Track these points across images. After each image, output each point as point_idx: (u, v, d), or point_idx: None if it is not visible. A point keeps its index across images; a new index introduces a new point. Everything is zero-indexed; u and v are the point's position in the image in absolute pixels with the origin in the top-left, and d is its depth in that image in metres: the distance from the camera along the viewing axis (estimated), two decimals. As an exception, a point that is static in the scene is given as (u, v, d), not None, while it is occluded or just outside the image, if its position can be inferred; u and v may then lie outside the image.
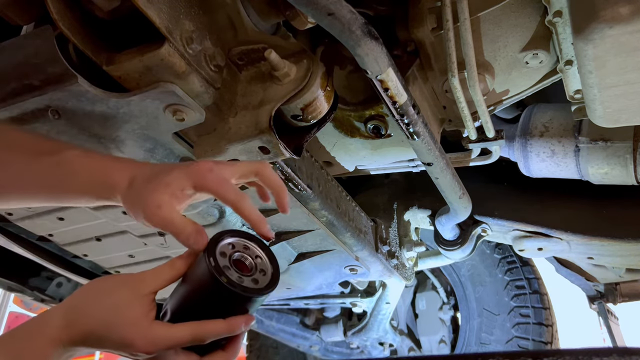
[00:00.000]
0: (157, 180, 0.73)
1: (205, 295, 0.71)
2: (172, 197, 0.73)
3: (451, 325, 2.76)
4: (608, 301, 2.19)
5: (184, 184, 0.74)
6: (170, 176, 0.74)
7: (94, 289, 0.72)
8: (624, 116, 1.04)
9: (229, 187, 0.75)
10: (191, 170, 0.74)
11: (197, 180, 0.74)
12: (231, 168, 0.78)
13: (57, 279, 2.31)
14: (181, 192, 0.74)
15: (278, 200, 0.82)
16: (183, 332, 0.69)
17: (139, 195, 0.73)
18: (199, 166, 0.75)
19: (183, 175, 0.74)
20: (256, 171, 0.79)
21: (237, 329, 0.71)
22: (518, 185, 1.78)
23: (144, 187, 0.73)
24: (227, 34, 0.95)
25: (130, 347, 0.67)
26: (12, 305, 5.43)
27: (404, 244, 1.86)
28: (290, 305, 2.49)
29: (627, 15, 0.80)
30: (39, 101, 0.92)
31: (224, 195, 0.75)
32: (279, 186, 0.81)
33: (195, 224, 0.73)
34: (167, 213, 0.72)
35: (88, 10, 0.83)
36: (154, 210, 0.71)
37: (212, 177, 0.74)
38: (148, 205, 0.72)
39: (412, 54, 1.20)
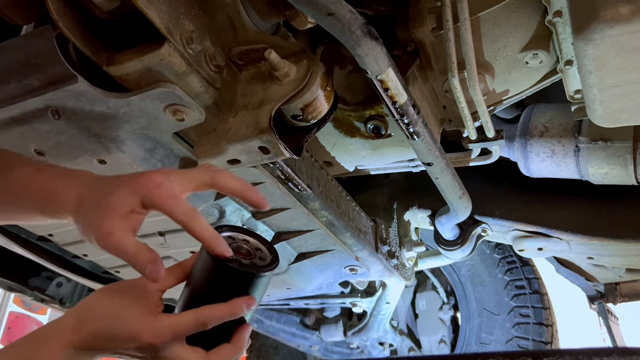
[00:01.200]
0: (105, 202, 0.69)
1: (206, 280, 0.72)
2: (123, 220, 0.69)
3: (451, 325, 2.76)
4: (608, 301, 2.19)
5: (131, 203, 0.69)
6: (116, 196, 0.69)
7: (104, 292, 0.73)
8: (623, 116, 1.04)
9: (178, 204, 0.70)
10: (137, 187, 0.70)
11: (144, 198, 0.69)
12: (182, 180, 0.73)
13: (57, 279, 2.32)
14: (130, 213, 0.69)
15: (247, 201, 0.76)
16: (186, 319, 0.69)
17: (89, 219, 0.70)
18: (146, 181, 0.70)
19: (129, 193, 0.70)
20: (210, 183, 0.74)
21: (239, 309, 0.70)
22: (518, 185, 1.78)
23: (93, 210, 0.70)
24: (227, 34, 0.95)
25: (138, 339, 0.68)
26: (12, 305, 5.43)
27: (404, 244, 1.86)
28: (290, 305, 2.49)
29: (627, 15, 0.80)
30: (39, 101, 0.92)
31: (173, 214, 0.70)
32: (240, 189, 0.75)
33: (151, 253, 0.70)
34: (118, 240, 0.68)
35: (88, 10, 0.83)
36: (106, 237, 0.68)
37: (160, 194, 0.70)
38: (99, 232, 0.68)
39: (412, 54, 1.20)
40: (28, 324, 5.55)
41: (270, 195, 1.27)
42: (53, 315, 5.42)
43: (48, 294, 2.30)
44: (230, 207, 1.36)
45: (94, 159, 1.08)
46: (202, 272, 0.73)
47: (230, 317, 0.71)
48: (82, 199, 0.72)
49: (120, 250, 0.69)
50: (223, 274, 0.71)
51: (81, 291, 2.41)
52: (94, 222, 0.69)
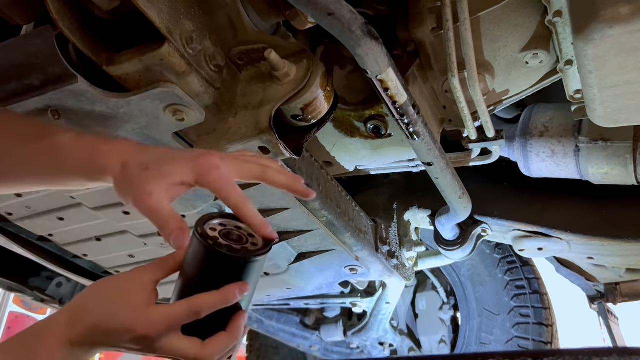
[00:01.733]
0: (156, 168, 0.71)
1: (197, 268, 0.72)
2: (168, 187, 0.71)
3: (451, 325, 2.76)
4: (608, 301, 2.19)
5: (185, 177, 0.72)
6: (171, 166, 0.72)
7: (98, 286, 0.73)
8: (624, 116, 1.04)
9: (232, 188, 0.73)
10: (196, 165, 0.72)
11: (200, 176, 0.72)
12: (237, 167, 0.75)
13: (57, 279, 2.31)
14: (179, 185, 0.72)
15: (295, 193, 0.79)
16: (179, 308, 0.69)
17: (133, 181, 0.71)
18: (205, 161, 0.73)
19: (186, 168, 0.72)
20: (260, 176, 0.77)
21: (231, 295, 0.70)
22: (518, 185, 1.78)
23: (140, 174, 0.71)
24: (227, 34, 0.95)
25: (132, 331, 0.67)
26: (12, 305, 5.44)
27: (404, 244, 1.86)
28: (290, 305, 2.49)
29: (627, 15, 0.80)
30: (39, 101, 0.92)
31: (226, 197, 0.73)
32: (288, 183, 0.78)
33: (182, 222, 0.71)
34: (157, 202, 0.70)
35: (88, 10, 0.83)
36: (144, 197, 0.69)
37: (216, 175, 0.72)
38: (140, 192, 0.70)
39: (412, 54, 1.20)
40: (28, 324, 5.53)
41: (270, 195, 1.27)
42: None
43: (48, 294, 2.30)
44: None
45: (94, 159, 1.08)
46: (193, 261, 0.72)
47: (223, 305, 0.70)
48: (127, 163, 0.73)
49: (154, 211, 0.70)
50: (213, 260, 0.70)
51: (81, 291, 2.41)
52: (138, 183, 0.70)
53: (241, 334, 0.74)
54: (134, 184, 0.71)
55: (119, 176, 0.73)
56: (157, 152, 0.75)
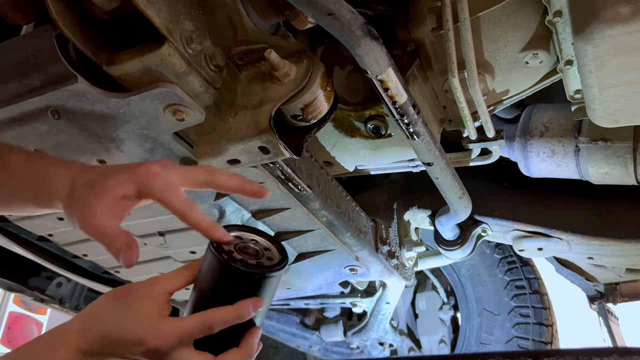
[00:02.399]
0: (99, 185, 0.70)
1: (211, 281, 0.71)
2: (112, 203, 0.69)
3: (451, 325, 2.76)
4: (608, 301, 2.19)
5: (127, 189, 0.70)
6: (113, 180, 0.70)
7: (111, 295, 0.72)
8: (624, 116, 1.04)
9: (175, 193, 0.71)
10: (136, 174, 0.70)
11: (141, 185, 0.70)
12: (179, 174, 0.73)
13: (57, 279, 2.32)
14: (122, 200, 0.70)
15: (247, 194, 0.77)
16: (191, 322, 0.68)
17: (78, 202, 0.70)
18: (144, 170, 0.71)
19: (127, 179, 0.70)
20: (207, 181, 0.75)
21: (245, 311, 0.69)
22: (518, 185, 1.78)
23: (85, 193, 0.70)
24: (227, 34, 0.95)
25: (143, 344, 0.67)
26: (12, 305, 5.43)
27: (404, 244, 1.86)
28: (290, 305, 2.49)
29: (627, 15, 0.80)
30: (39, 101, 0.92)
31: (169, 203, 0.71)
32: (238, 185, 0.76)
33: (129, 237, 0.70)
34: (101, 221, 0.68)
35: (88, 10, 0.83)
36: (89, 217, 0.68)
37: (157, 183, 0.70)
38: (84, 212, 0.68)
39: (412, 54, 1.20)
40: (28, 324, 5.54)
41: (270, 195, 1.27)
42: (53, 315, 5.43)
43: (48, 294, 2.30)
44: (230, 207, 1.36)
45: (94, 159, 1.08)
46: (207, 274, 0.71)
47: (237, 320, 0.69)
48: (73, 186, 0.71)
49: (99, 231, 0.68)
50: (227, 274, 0.69)
51: (81, 291, 2.41)
52: (82, 203, 0.69)
53: (254, 351, 0.73)
54: (79, 205, 0.70)
55: (67, 199, 0.71)
56: (102, 169, 0.74)
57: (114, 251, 0.69)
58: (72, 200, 0.71)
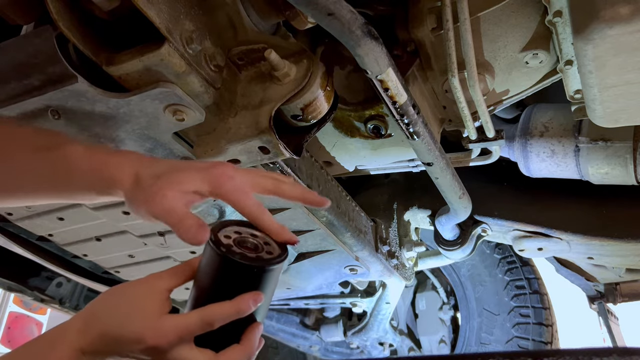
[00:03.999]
0: (169, 176, 0.71)
1: (210, 276, 0.70)
2: (182, 194, 0.70)
3: (451, 325, 2.76)
4: (608, 301, 2.19)
5: (199, 187, 0.71)
6: (184, 174, 0.71)
7: (110, 293, 0.72)
8: (624, 116, 1.04)
9: (248, 199, 0.73)
10: (211, 175, 0.72)
11: (215, 186, 0.71)
12: (250, 179, 0.75)
13: (57, 279, 2.32)
14: (193, 194, 0.71)
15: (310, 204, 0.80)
16: (191, 319, 0.68)
17: (146, 190, 0.70)
18: (219, 171, 0.72)
19: (200, 177, 0.71)
20: (273, 190, 0.77)
21: (245, 306, 0.68)
22: (518, 185, 1.78)
23: (153, 183, 0.71)
24: (227, 34, 0.95)
25: (143, 342, 0.66)
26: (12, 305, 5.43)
27: (404, 244, 1.86)
28: (290, 305, 2.49)
29: (627, 15, 0.80)
30: (39, 101, 0.92)
31: (243, 208, 0.72)
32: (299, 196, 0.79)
33: (199, 219, 0.70)
34: (170, 203, 0.69)
35: (88, 10, 0.83)
36: (159, 199, 0.69)
37: (232, 186, 0.72)
38: (154, 196, 0.69)
39: (412, 54, 1.20)
40: (28, 324, 5.54)
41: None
42: (53, 315, 5.42)
43: (48, 294, 2.30)
44: (230, 207, 1.36)
45: (94, 159, 1.08)
46: (206, 269, 0.71)
47: (236, 315, 0.68)
48: (138, 176, 0.72)
49: (168, 211, 0.69)
50: (226, 268, 0.68)
51: (81, 291, 2.41)
52: (151, 190, 0.70)
53: (256, 347, 0.72)
54: (147, 193, 0.70)
55: (131, 189, 0.72)
56: (168, 162, 0.75)
57: (184, 231, 0.69)
58: (137, 189, 0.71)
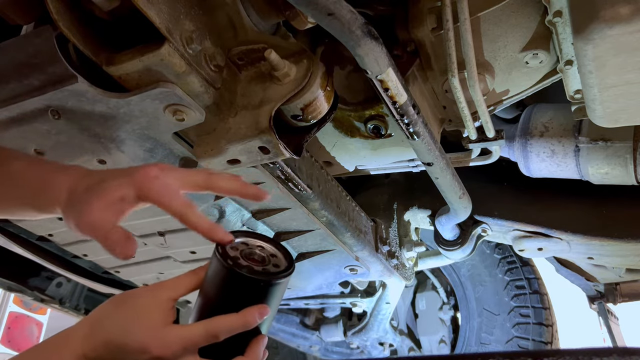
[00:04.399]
0: (97, 188, 0.70)
1: (216, 288, 0.70)
2: (109, 204, 0.69)
3: (451, 325, 2.76)
4: (608, 301, 2.19)
5: (125, 193, 0.70)
6: (110, 184, 0.70)
7: (116, 300, 0.72)
8: (624, 116, 1.04)
9: (173, 196, 0.71)
10: (134, 178, 0.71)
11: (140, 190, 0.70)
12: (179, 177, 0.73)
13: (57, 279, 2.32)
14: (120, 202, 0.70)
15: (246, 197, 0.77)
16: (196, 330, 0.67)
17: (77, 206, 0.70)
18: (142, 173, 0.71)
19: (125, 183, 0.70)
20: (205, 185, 0.75)
21: (251, 318, 0.68)
22: (518, 185, 1.78)
23: (83, 196, 0.70)
24: (227, 34, 0.95)
25: (147, 351, 0.66)
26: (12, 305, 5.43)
27: (404, 244, 1.86)
28: (290, 305, 2.49)
29: (627, 15, 0.80)
30: (39, 101, 0.92)
31: (168, 206, 0.70)
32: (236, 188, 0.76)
33: (126, 232, 0.70)
34: (96, 218, 0.68)
35: (88, 10, 0.83)
36: (85, 216, 0.69)
37: (156, 186, 0.70)
38: (81, 213, 0.69)
39: (412, 54, 1.20)
40: (28, 324, 5.54)
41: (270, 195, 1.27)
42: (53, 315, 5.42)
43: (48, 294, 2.30)
44: (230, 207, 1.36)
45: (94, 159, 1.08)
46: (212, 280, 0.71)
47: (242, 328, 0.68)
48: (73, 191, 0.72)
49: (94, 227, 0.68)
50: (232, 281, 0.68)
51: (81, 291, 2.42)
52: (81, 206, 0.69)
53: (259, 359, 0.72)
54: (76, 207, 0.70)
55: (66, 205, 0.72)
56: (100, 174, 0.74)
57: (109, 245, 0.69)
58: (70, 205, 0.71)
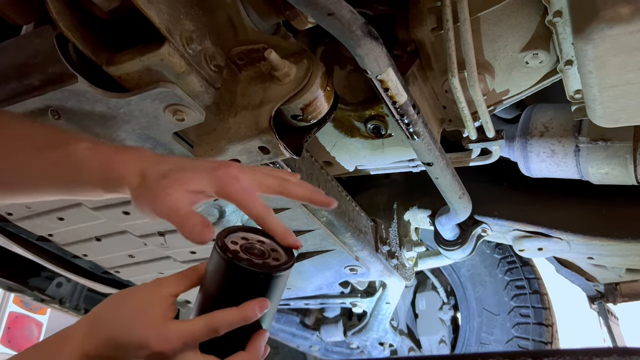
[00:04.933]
0: (174, 175, 0.71)
1: (216, 282, 0.70)
2: (187, 192, 0.70)
3: (451, 325, 2.76)
4: (608, 301, 2.19)
5: (205, 187, 0.71)
6: (190, 174, 0.71)
7: (116, 298, 0.72)
8: (624, 116, 1.04)
9: (255, 199, 0.72)
10: (216, 176, 0.71)
11: (220, 188, 0.71)
12: (256, 179, 0.74)
13: (57, 279, 2.32)
14: (198, 193, 0.71)
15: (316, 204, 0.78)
16: (196, 325, 0.67)
17: (151, 189, 0.70)
18: (225, 172, 0.72)
19: (206, 177, 0.71)
20: (280, 190, 0.76)
21: (251, 312, 0.68)
22: (518, 185, 1.78)
23: (158, 182, 0.70)
24: (227, 34, 0.95)
25: (147, 347, 0.66)
26: (12, 305, 5.43)
27: (404, 244, 1.86)
28: (290, 305, 2.49)
29: (627, 15, 0.80)
30: (39, 101, 0.92)
31: (248, 209, 0.72)
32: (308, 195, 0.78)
33: (203, 218, 0.70)
34: (175, 202, 0.69)
35: (88, 10, 0.83)
36: (163, 198, 0.69)
37: (237, 187, 0.71)
38: (158, 195, 0.69)
39: (412, 54, 1.20)
40: (28, 324, 5.54)
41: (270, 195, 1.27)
42: (53, 315, 5.42)
43: (48, 294, 2.30)
44: (230, 206, 1.36)
45: (94, 159, 1.08)
46: (212, 275, 0.71)
47: (242, 322, 0.68)
48: (145, 172, 0.72)
49: (173, 210, 0.69)
50: (232, 274, 0.68)
51: (81, 291, 2.42)
52: (156, 189, 0.69)
53: (261, 354, 0.72)
54: (152, 191, 0.70)
55: (138, 187, 0.72)
56: (175, 161, 0.74)
57: (188, 230, 0.69)
58: (143, 187, 0.71)
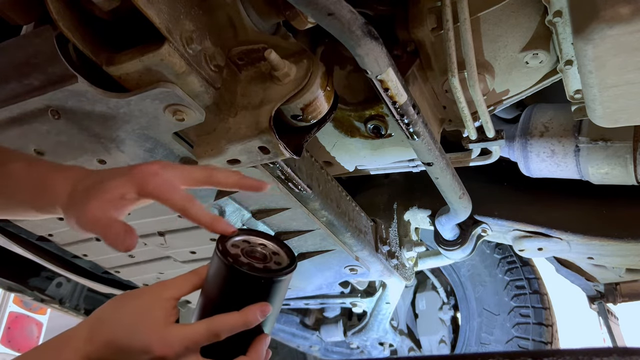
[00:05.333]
0: (97, 187, 0.71)
1: (217, 286, 0.70)
2: (109, 203, 0.70)
3: (451, 325, 2.76)
4: (608, 301, 2.19)
5: (125, 190, 0.71)
6: (110, 183, 0.71)
7: (118, 300, 0.72)
8: (624, 116, 1.04)
9: (174, 191, 0.72)
10: (134, 175, 0.71)
11: (139, 186, 0.71)
12: (179, 172, 0.74)
13: (57, 279, 2.32)
14: (120, 199, 0.71)
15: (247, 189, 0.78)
16: (197, 329, 0.67)
17: (77, 204, 0.71)
18: (143, 170, 0.72)
19: (124, 181, 0.71)
20: (206, 180, 0.76)
21: (252, 317, 0.68)
22: (518, 185, 1.78)
23: (83, 196, 0.71)
24: (227, 34, 0.95)
25: (149, 351, 0.66)
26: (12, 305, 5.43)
27: (404, 244, 1.86)
28: (290, 305, 2.49)
29: (627, 15, 0.80)
30: (39, 101, 0.92)
31: (170, 201, 0.71)
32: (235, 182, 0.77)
33: (125, 225, 0.70)
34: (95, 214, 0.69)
35: (88, 10, 0.83)
36: (85, 214, 0.69)
37: (156, 182, 0.71)
38: (82, 212, 0.70)
39: (412, 54, 1.20)
40: (28, 324, 5.54)
41: (270, 195, 1.27)
42: (53, 315, 5.42)
43: (48, 294, 2.30)
44: (230, 207, 1.36)
45: (94, 159, 1.08)
46: (213, 279, 0.70)
47: (244, 327, 0.68)
48: (73, 191, 0.72)
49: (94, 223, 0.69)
50: (233, 279, 0.68)
51: (81, 291, 2.42)
52: (81, 205, 0.70)
53: (263, 359, 0.72)
54: (77, 207, 0.71)
55: (66, 204, 0.72)
56: (100, 173, 0.75)
57: (110, 238, 0.69)
58: (70, 204, 0.72)
